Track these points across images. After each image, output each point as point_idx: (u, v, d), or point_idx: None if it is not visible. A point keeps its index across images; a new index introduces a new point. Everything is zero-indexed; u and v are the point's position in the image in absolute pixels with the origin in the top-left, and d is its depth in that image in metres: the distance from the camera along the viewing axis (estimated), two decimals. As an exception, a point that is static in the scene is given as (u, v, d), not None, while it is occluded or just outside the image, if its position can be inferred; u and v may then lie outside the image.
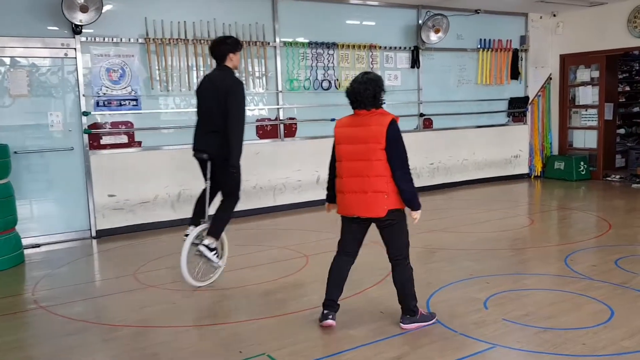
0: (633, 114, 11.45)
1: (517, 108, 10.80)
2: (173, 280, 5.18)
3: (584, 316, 3.99)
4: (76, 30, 6.72)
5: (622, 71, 11.33)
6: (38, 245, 6.70)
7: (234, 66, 4.93)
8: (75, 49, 6.85)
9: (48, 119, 6.79)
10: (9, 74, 6.55)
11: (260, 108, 8.19)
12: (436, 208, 8.19)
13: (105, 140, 7.11)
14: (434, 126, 9.84)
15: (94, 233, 7.08)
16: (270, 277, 5.19)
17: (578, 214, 7.77)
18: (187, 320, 4.19)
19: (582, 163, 10.49)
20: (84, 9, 6.52)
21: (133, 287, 5.04)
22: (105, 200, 7.10)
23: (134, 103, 7.25)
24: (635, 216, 7.64)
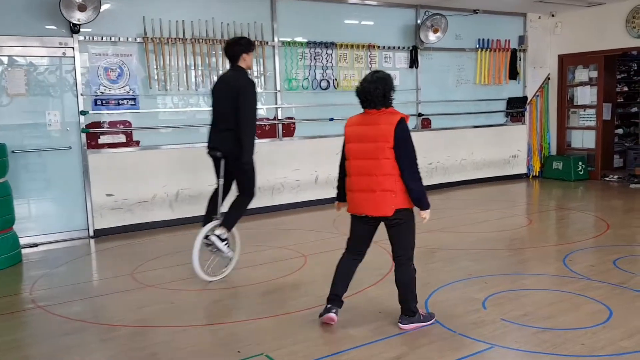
0: (631, 114, 11.47)
1: (516, 108, 10.80)
2: (171, 280, 5.17)
3: (583, 316, 3.99)
4: (74, 29, 6.70)
5: (621, 71, 11.35)
6: (36, 244, 6.68)
7: (247, 66, 5.09)
8: (73, 48, 6.83)
9: (46, 118, 6.77)
10: (7, 73, 6.54)
11: (258, 108, 8.15)
12: (434, 208, 8.07)
13: (103, 139, 7.10)
14: (433, 126, 9.84)
15: (92, 232, 7.07)
16: (268, 277, 5.18)
17: (576, 214, 7.78)
18: (186, 320, 4.18)
19: (580, 163, 10.50)
20: (82, 8, 6.51)
21: (131, 287, 5.03)
22: (103, 199, 7.09)
23: (132, 102, 7.23)
24: (633, 216, 7.65)
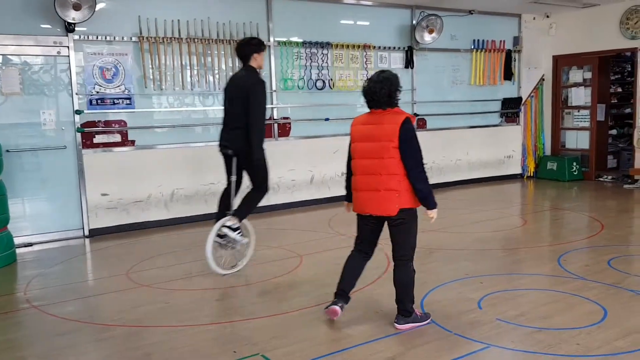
0: (625, 115, 11.50)
1: (510, 109, 10.83)
2: (166, 279, 5.16)
3: (578, 316, 4.01)
4: (69, 28, 6.68)
5: (614, 72, 11.39)
6: (30, 244, 6.66)
7: (258, 66, 5.21)
8: (68, 47, 6.81)
9: (41, 118, 6.75)
10: (1, 72, 6.51)
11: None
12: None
13: (98, 139, 7.07)
14: (428, 126, 9.85)
15: (87, 232, 7.04)
16: (264, 277, 5.18)
17: (571, 215, 7.81)
18: (181, 320, 4.17)
19: (575, 164, 10.54)
20: (77, 7, 6.48)
21: (126, 287, 5.01)
22: (98, 199, 7.06)
23: (128, 102, 7.21)
24: (627, 217, 7.69)
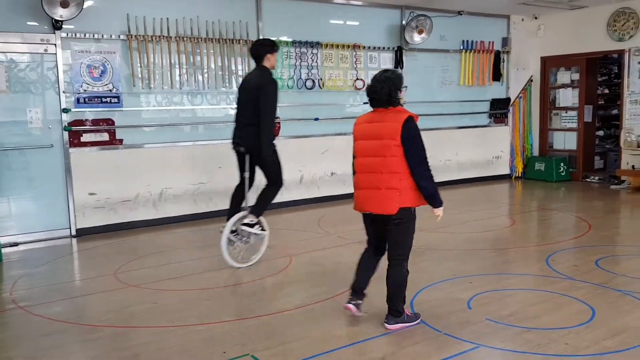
0: (612, 116, 11.63)
1: (499, 109, 10.89)
2: (155, 279, 5.12)
3: (567, 316, 4.03)
4: (56, 25, 6.60)
5: (602, 74, 11.51)
6: (16, 244, 6.57)
7: (271, 66, 5.38)
8: (55, 45, 6.73)
9: (27, 116, 6.66)
10: (-13, 70, 6.43)
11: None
12: (418, 208, 8.20)
13: (85, 137, 7.00)
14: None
15: (74, 232, 6.97)
16: (253, 277, 5.15)
17: (558, 215, 7.86)
18: (169, 320, 4.14)
19: (562, 164, 10.62)
20: (65, 4, 6.41)
21: (114, 287, 4.97)
22: (85, 198, 7.00)
23: (115, 100, 7.15)
24: (614, 217, 7.77)
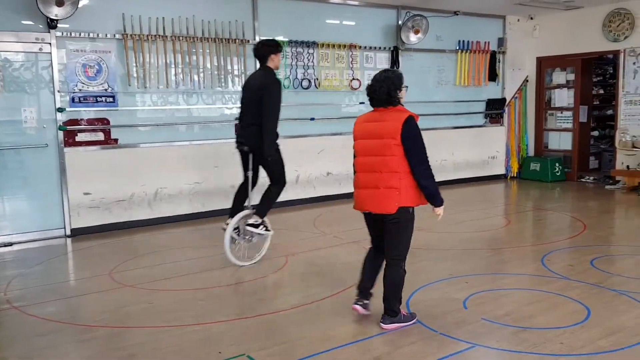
0: (607, 117, 11.65)
1: (495, 109, 10.90)
2: (150, 279, 5.11)
3: (562, 316, 4.04)
4: (51, 24, 6.57)
5: (597, 74, 11.53)
6: (10, 243, 6.55)
7: (275, 66, 5.44)
8: (50, 44, 6.70)
9: (22, 115, 6.63)
10: (-19, 68, 6.40)
11: (238, 107, 8.07)
12: (417, 208, 8.20)
13: (80, 137, 6.98)
14: (413, 126, 9.84)
15: (69, 232, 6.95)
16: (249, 277, 5.15)
17: (554, 215, 7.87)
18: (165, 320, 4.12)
19: (557, 164, 10.64)
20: (60, 3, 6.38)
21: (109, 287, 4.95)
22: (80, 198, 6.97)
23: (111, 100, 7.13)
24: (609, 217, 7.79)
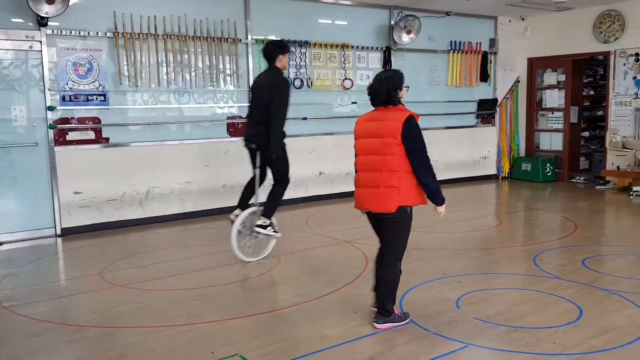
0: (597, 118, 11.73)
1: (486, 110, 10.94)
2: (141, 279, 5.07)
3: (554, 315, 4.05)
4: (42, 22, 6.52)
5: (587, 75, 11.60)
6: (0, 243, 6.49)
7: (283, 66, 5.54)
8: (40, 42, 6.65)
9: (11, 114, 6.57)
10: (-30, 66, 6.34)
11: (230, 106, 8.09)
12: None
13: (71, 136, 6.93)
14: (405, 127, 9.85)
15: (59, 231, 6.89)
16: (241, 277, 5.13)
17: (545, 215, 7.91)
18: (156, 320, 4.10)
19: (548, 165, 10.70)
20: (50, 1, 6.33)
21: (100, 287, 4.91)
22: (71, 197, 6.92)
23: (102, 98, 7.08)
24: (599, 217, 7.84)
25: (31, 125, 6.70)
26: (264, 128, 5.31)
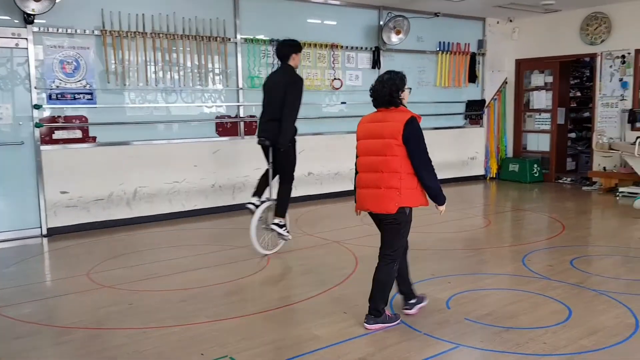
0: (584, 119, 11.84)
1: (474, 111, 10.99)
2: (129, 280, 5.02)
3: (544, 315, 4.06)
4: (28, 19, 6.44)
5: (574, 77, 11.71)
6: (-16, 243, 6.41)
7: (295, 65, 5.67)
8: (26, 39, 6.56)
9: (-4, 112, 6.49)
10: (-45, 64, 6.23)
11: (218, 105, 8.04)
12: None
13: (58, 134, 6.84)
14: (394, 127, 9.87)
15: (45, 231, 6.81)
16: (231, 278, 5.09)
17: (532, 215, 7.95)
18: (145, 321, 4.05)
19: (536, 165, 10.77)
20: (37, -2, 6.26)
21: (87, 288, 4.85)
22: (57, 197, 6.83)
23: (89, 97, 7.00)
24: (586, 218, 7.90)
25: (17, 124, 6.61)
26: (277, 124, 5.43)
